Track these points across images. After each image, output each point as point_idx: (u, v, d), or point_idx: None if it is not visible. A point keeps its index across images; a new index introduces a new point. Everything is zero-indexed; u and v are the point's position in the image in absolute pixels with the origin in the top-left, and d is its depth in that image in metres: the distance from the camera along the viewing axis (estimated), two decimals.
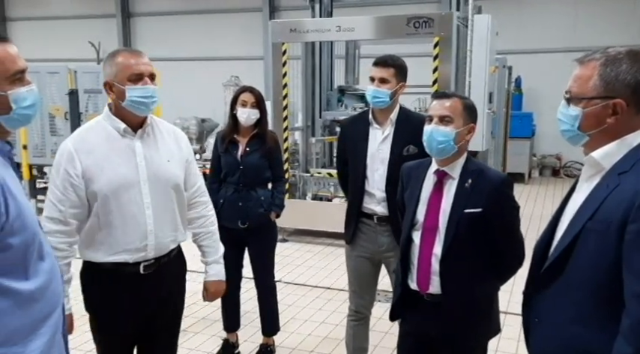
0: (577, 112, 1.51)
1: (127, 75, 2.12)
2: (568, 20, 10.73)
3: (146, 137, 2.24)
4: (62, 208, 2.13)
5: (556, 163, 11.00)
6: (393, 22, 6.05)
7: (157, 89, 2.18)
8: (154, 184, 2.21)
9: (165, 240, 2.28)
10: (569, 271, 1.49)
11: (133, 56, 2.15)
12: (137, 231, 2.19)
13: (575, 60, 1.55)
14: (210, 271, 2.51)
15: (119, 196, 2.16)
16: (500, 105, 7.04)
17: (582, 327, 1.46)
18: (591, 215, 1.44)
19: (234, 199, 3.47)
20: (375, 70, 2.86)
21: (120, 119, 2.20)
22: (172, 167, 2.29)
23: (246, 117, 3.43)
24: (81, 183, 2.13)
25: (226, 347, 3.73)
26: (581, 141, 1.54)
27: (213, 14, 13.52)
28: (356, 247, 3.01)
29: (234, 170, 3.49)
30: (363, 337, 3.14)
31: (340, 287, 4.94)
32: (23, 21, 15.20)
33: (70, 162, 2.12)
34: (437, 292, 2.17)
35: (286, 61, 6.51)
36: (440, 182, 2.19)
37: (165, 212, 2.26)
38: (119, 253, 2.18)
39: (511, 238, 2.19)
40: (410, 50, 6.64)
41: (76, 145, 2.15)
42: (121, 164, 2.17)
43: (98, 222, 2.17)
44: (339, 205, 6.29)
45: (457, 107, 2.14)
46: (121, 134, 2.20)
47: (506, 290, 4.76)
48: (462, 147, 2.17)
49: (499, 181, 2.16)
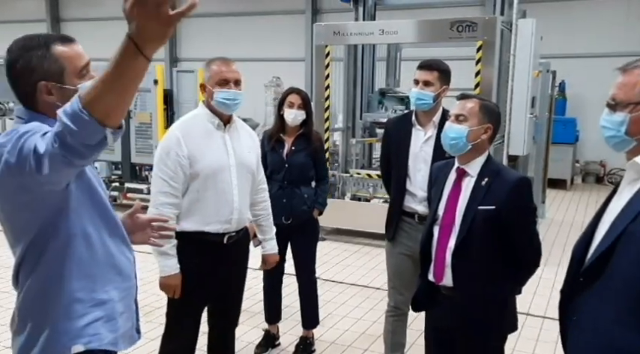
0: (623, 117, 1.54)
1: (217, 80, 2.61)
2: (616, 25, 10.48)
3: (232, 131, 2.73)
4: (174, 184, 2.57)
5: (600, 170, 10.76)
6: (436, 25, 6.09)
7: (240, 93, 2.66)
8: (239, 170, 2.70)
9: (244, 216, 2.77)
10: (610, 273, 1.52)
11: (224, 65, 2.64)
12: (227, 206, 2.66)
13: (618, 68, 1.59)
14: (267, 246, 3.04)
15: (216, 176, 2.63)
16: (543, 110, 6.96)
17: (622, 329, 1.48)
18: (634, 218, 1.47)
19: (279, 196, 3.59)
20: (420, 73, 2.95)
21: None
22: (251, 157, 2.80)
23: (293, 118, 3.56)
24: (187, 163, 2.58)
25: (267, 338, 3.87)
26: (627, 146, 1.57)
27: (257, 16, 13.76)
28: (397, 244, 3.10)
29: (279, 168, 3.62)
30: (401, 333, 3.23)
31: (377, 286, 5.03)
32: (76, 22, 15.79)
33: (178, 145, 2.57)
34: (450, 284, 2.27)
35: (329, 63, 6.63)
36: (459, 179, 2.30)
37: (245, 193, 2.76)
38: (212, 223, 2.64)
39: (526, 238, 2.25)
40: (452, 53, 6.64)
41: (182, 132, 2.61)
42: (217, 151, 2.65)
43: (197, 197, 2.62)
44: (378, 205, 6.37)
45: (473, 107, 2.28)
46: (214, 127, 2.67)
47: (528, 292, 4.87)
48: (477, 145, 2.26)
49: (515, 181, 2.23)
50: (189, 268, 2.63)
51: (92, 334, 1.66)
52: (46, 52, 1.59)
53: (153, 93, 7.50)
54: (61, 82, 1.60)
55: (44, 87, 1.59)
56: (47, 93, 1.60)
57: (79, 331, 1.64)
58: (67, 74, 1.61)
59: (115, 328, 1.72)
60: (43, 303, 1.63)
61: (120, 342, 1.75)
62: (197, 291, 2.68)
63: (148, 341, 3.77)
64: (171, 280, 2.61)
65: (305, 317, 3.84)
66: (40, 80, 1.58)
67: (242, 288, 2.96)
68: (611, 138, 1.60)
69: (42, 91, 1.59)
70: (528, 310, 4.52)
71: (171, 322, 2.78)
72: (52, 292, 1.63)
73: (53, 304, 1.63)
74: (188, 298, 2.66)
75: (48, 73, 1.59)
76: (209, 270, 2.68)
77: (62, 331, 1.63)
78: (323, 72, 6.62)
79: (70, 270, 1.62)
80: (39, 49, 1.59)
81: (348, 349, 3.89)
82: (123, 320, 1.77)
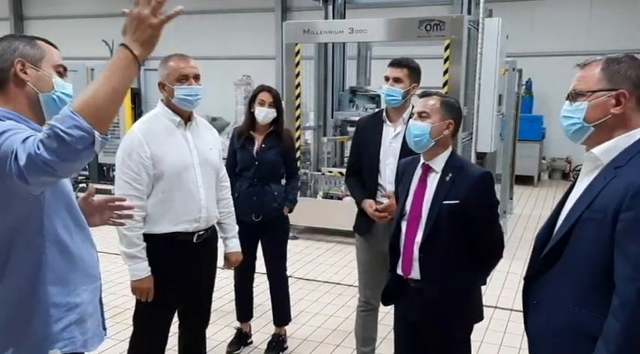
0: (582, 105, 1.61)
1: (176, 76, 2.56)
2: (580, 24, 10.76)
3: (193, 128, 2.70)
4: (138, 186, 2.54)
5: (566, 166, 11.02)
6: (405, 24, 6.15)
7: (201, 88, 2.62)
8: (203, 168, 2.68)
9: (212, 214, 2.76)
10: (567, 257, 1.60)
11: (182, 61, 2.59)
12: (194, 205, 2.64)
13: (577, 65, 1.67)
14: (230, 245, 3.01)
15: (181, 176, 2.60)
16: (509, 107, 7.10)
17: (579, 309, 1.56)
18: (588, 205, 1.56)
19: (249, 193, 3.59)
20: (390, 70, 2.99)
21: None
22: (214, 154, 2.78)
23: (264, 115, 3.55)
24: (150, 164, 2.55)
25: (240, 336, 3.86)
26: (585, 133, 1.63)
27: (226, 14, 13.66)
28: (367, 239, 3.12)
29: (249, 165, 3.61)
30: (372, 328, 3.26)
31: (349, 283, 5.06)
32: (39, 20, 15.44)
33: (140, 147, 2.54)
34: (417, 277, 2.32)
35: (299, 61, 6.63)
36: (425, 175, 2.36)
37: (211, 191, 2.75)
38: (180, 223, 2.62)
39: (489, 230, 2.31)
40: (421, 52, 6.73)
41: (143, 132, 2.58)
42: (179, 150, 2.62)
43: (163, 198, 2.59)
44: (350, 203, 6.38)
45: (435, 104, 2.33)
46: (175, 125, 2.64)
47: (496, 286, 4.98)
48: (441, 141, 2.32)
49: (478, 176, 2.29)
50: (159, 269, 2.61)
51: (68, 338, 1.67)
52: (30, 41, 1.68)
53: None
54: (39, 66, 1.65)
55: (20, 63, 1.62)
56: (22, 70, 1.62)
57: (56, 336, 1.65)
58: (45, 61, 1.67)
59: (85, 330, 1.73)
60: (21, 309, 1.62)
61: (89, 344, 1.76)
62: (169, 292, 2.64)
63: (118, 342, 3.72)
64: (143, 283, 2.57)
65: (276, 315, 3.83)
66: (18, 57, 1.62)
67: (212, 286, 2.95)
68: (570, 126, 1.66)
69: (18, 67, 1.61)
70: (496, 303, 4.61)
71: (141, 323, 2.74)
72: (29, 298, 1.62)
73: (31, 311, 1.62)
74: (160, 300, 2.62)
75: (28, 55, 1.64)
76: (180, 269, 2.66)
77: (42, 337, 1.63)
78: (293, 70, 6.62)
79: (45, 276, 1.62)
80: (24, 39, 1.67)
81: (320, 346, 3.91)
82: (92, 321, 1.77)
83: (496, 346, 3.91)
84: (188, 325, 2.93)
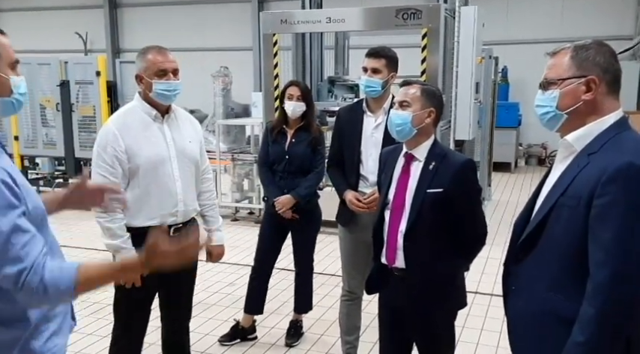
0: (554, 93, 1.64)
1: (154, 71, 2.52)
2: (554, 11, 10.90)
3: (171, 122, 2.67)
4: (114, 179, 2.51)
5: (541, 152, 11.21)
6: (382, 13, 6.15)
7: (179, 83, 2.59)
8: (181, 161, 2.65)
9: (190, 208, 2.73)
10: (544, 243, 1.64)
11: (160, 54, 2.55)
12: (170, 199, 2.63)
13: (547, 53, 1.70)
14: (213, 238, 2.93)
15: (157, 169, 2.58)
16: (486, 95, 7.18)
17: (555, 294, 1.60)
18: (563, 191, 1.59)
19: (280, 186, 3.68)
20: (368, 60, 2.99)
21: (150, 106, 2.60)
22: (193, 147, 2.74)
23: (292, 109, 3.62)
24: (125, 158, 2.53)
25: (236, 329, 3.85)
26: (559, 121, 1.66)
27: (202, 5, 13.52)
28: (349, 229, 3.14)
29: (280, 159, 3.69)
30: (356, 316, 3.29)
31: (332, 272, 5.08)
32: (12, 12, 15.08)
33: (115, 141, 2.52)
34: (402, 266, 2.34)
35: (277, 51, 6.60)
36: (407, 164, 2.37)
37: (189, 185, 2.71)
38: (155, 218, 2.59)
39: (472, 218, 2.34)
40: (399, 41, 6.74)
41: (118, 126, 2.56)
42: (155, 143, 2.59)
43: (139, 192, 2.57)
44: (331, 193, 6.38)
45: (415, 93, 2.33)
46: (152, 118, 2.61)
47: (477, 271, 5.03)
48: (423, 129, 2.33)
49: (461, 163, 2.31)
50: None
51: (52, 347, 1.68)
52: None
53: (95, 85, 7.28)
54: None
55: None
56: None
57: (42, 348, 1.65)
58: (2, 61, 1.58)
59: (63, 333, 1.74)
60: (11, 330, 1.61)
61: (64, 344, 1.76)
62: (145, 283, 2.56)
63: (100, 338, 3.69)
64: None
65: (299, 302, 3.92)
66: None
67: (193, 279, 2.93)
68: (544, 115, 1.69)
69: None
70: (477, 288, 4.68)
71: (121, 317, 2.73)
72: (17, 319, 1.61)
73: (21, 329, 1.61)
74: (137, 292, 2.58)
75: None
76: None
77: (31, 351, 1.63)
78: (271, 61, 6.58)
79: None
80: None
81: (305, 335, 3.93)
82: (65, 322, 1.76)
83: (477, 330, 3.98)
84: (169, 318, 2.90)
